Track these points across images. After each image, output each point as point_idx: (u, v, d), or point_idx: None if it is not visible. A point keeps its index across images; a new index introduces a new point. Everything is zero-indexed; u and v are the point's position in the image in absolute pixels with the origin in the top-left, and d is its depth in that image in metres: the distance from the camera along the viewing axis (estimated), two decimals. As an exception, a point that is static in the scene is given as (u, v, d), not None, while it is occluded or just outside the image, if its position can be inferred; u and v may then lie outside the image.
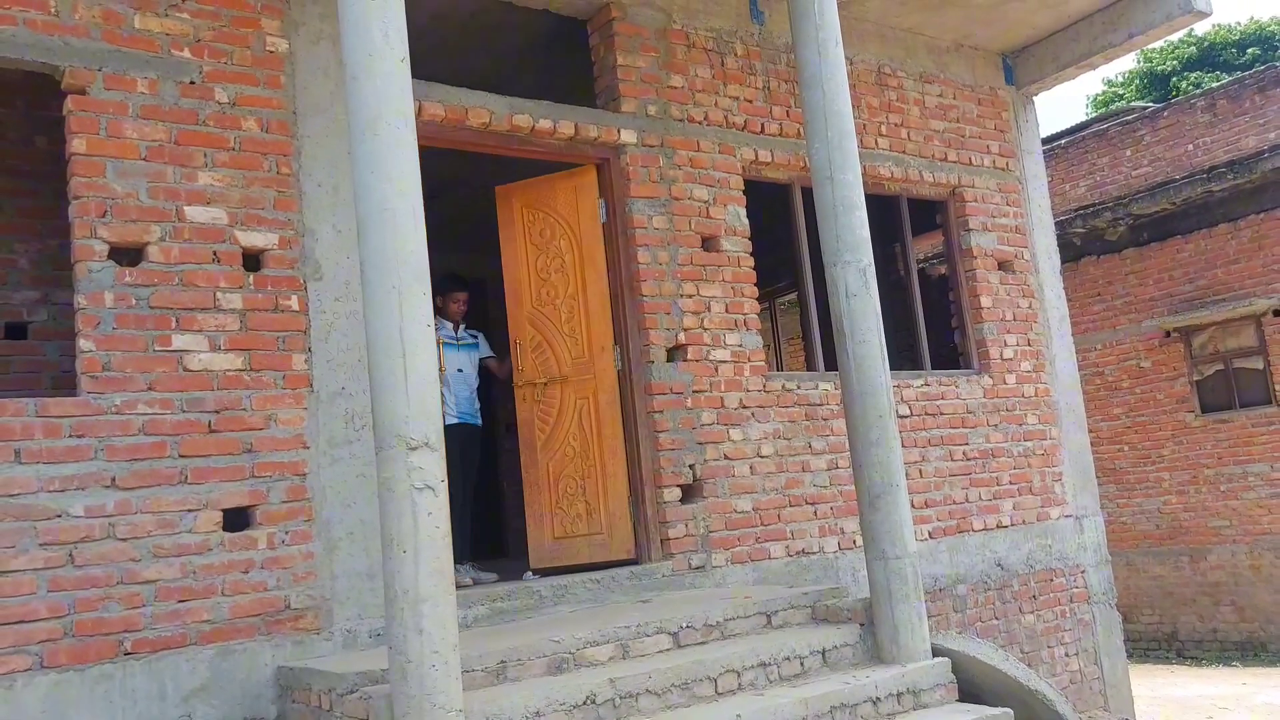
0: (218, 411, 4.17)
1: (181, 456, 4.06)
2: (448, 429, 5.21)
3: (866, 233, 4.97)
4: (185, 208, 4.24)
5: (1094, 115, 25.02)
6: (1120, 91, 29.52)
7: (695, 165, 6.06)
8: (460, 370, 6.15)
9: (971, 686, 4.65)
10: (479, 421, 6.24)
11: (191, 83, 4.32)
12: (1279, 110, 11.20)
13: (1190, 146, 11.88)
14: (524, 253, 6.03)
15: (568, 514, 5.78)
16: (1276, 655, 11.26)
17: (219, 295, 4.28)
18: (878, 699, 4.31)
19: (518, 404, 6.03)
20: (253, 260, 4.41)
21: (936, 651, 4.70)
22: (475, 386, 6.33)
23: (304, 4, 4.69)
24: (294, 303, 4.45)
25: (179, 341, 4.13)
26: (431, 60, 5.37)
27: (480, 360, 6.45)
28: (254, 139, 4.45)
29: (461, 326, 6.26)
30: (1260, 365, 11.57)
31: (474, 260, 9.63)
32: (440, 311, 5.89)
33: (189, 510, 4.03)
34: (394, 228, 3.45)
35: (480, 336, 6.50)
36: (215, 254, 4.29)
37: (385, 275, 3.43)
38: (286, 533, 4.24)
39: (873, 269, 4.97)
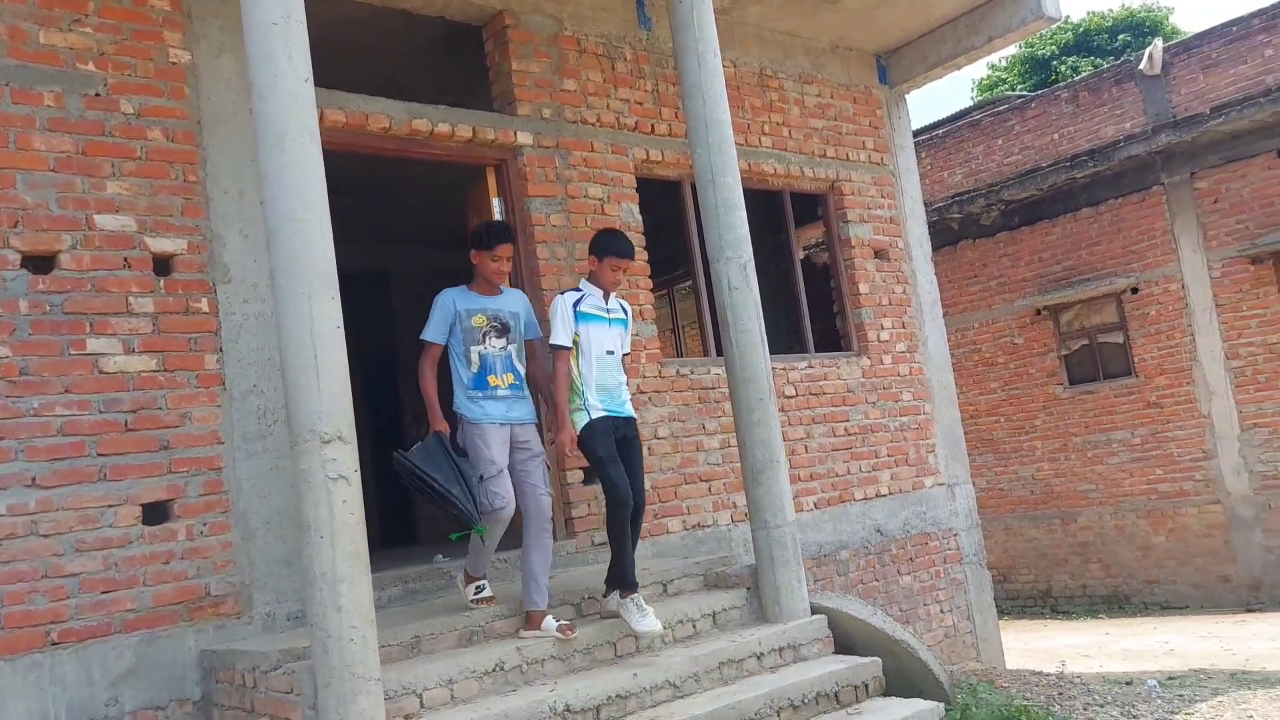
0: (134, 411, 4.36)
1: (100, 455, 4.24)
2: (595, 424, 4.64)
3: (746, 231, 5.39)
4: (95, 216, 4.40)
5: (973, 103, 26.14)
6: (1003, 76, 30.82)
7: (590, 165, 6.39)
8: (610, 352, 4.85)
9: (846, 640, 5.13)
10: (632, 413, 4.92)
11: (97, 95, 4.47)
12: (1133, 102, 12.07)
13: (1056, 135, 12.71)
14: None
15: None
16: (1138, 607, 12.23)
17: (131, 300, 4.46)
18: (761, 654, 4.77)
19: None
20: (163, 265, 4.59)
21: (815, 610, 5.18)
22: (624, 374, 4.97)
23: (205, 17, 4.87)
24: (204, 305, 4.65)
25: (94, 345, 4.31)
26: (330, 64, 5.57)
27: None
28: (160, 148, 4.62)
29: (613, 296, 4.96)
30: (1121, 340, 12.49)
31: (375, 253, 9.83)
32: (593, 277, 4.94)
33: (109, 506, 4.23)
34: (303, 237, 3.71)
35: (630, 311, 5.17)
36: (126, 260, 4.47)
37: (296, 282, 3.68)
38: (205, 524, 4.47)
39: (753, 264, 5.40)
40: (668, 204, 7.14)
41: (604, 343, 4.84)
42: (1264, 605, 11.17)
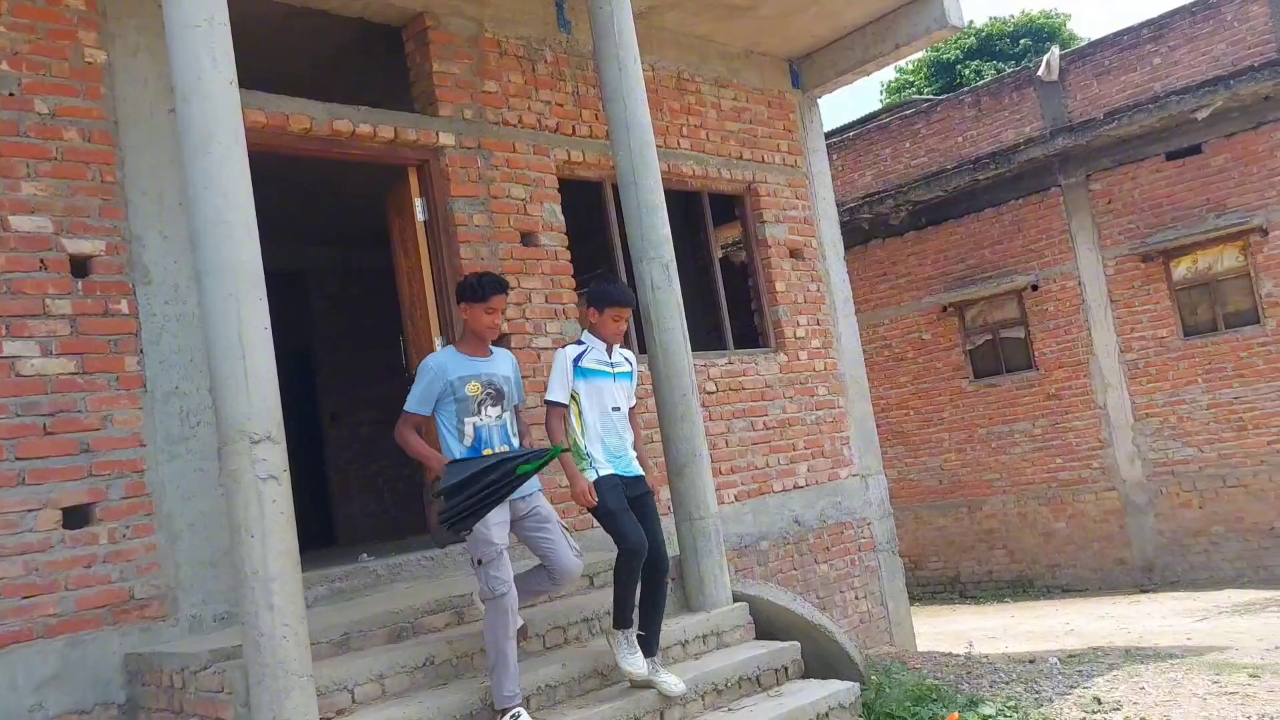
0: (53, 414, 4.30)
1: (19, 459, 4.18)
2: (603, 480, 4.36)
3: (668, 231, 5.54)
4: (10, 217, 4.32)
5: (882, 106, 26.84)
6: (911, 79, 31.71)
7: (512, 165, 6.47)
8: (615, 409, 4.55)
9: (768, 625, 5.33)
10: (640, 471, 4.59)
11: (10, 95, 4.39)
12: (1032, 106, 12.60)
13: (960, 139, 13.18)
14: (398, 254, 6.37)
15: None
16: (1041, 590, 12.78)
17: (48, 302, 4.39)
18: (686, 641, 4.93)
19: None
20: (81, 266, 4.53)
21: (737, 598, 5.36)
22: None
23: (120, 17, 4.81)
24: (124, 307, 4.60)
25: (10, 348, 4.23)
26: (249, 63, 5.54)
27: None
28: (76, 149, 4.56)
29: (616, 349, 4.62)
30: (1022, 335, 13.03)
31: (291, 252, 9.70)
32: (594, 328, 4.57)
33: (29, 510, 4.17)
34: (229, 239, 3.72)
35: (635, 362, 4.83)
36: (43, 261, 4.40)
37: (222, 284, 3.70)
38: (128, 527, 4.43)
39: (674, 264, 5.55)
40: (589, 203, 7.25)
41: (609, 399, 4.51)
42: (1157, 586, 11.79)
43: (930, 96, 18.99)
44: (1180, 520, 11.75)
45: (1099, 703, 5.55)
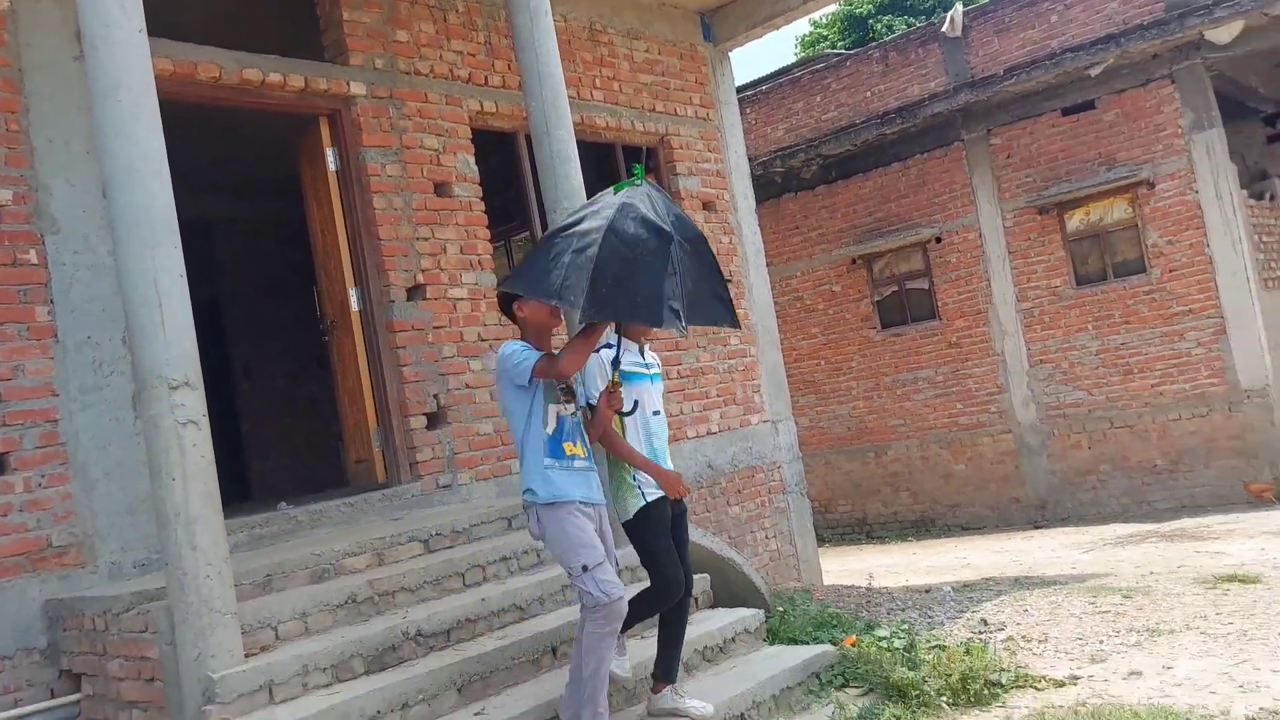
0: (-38, 365, 4.28)
1: (-72, 410, 4.16)
2: (650, 509, 4.07)
3: (580, 182, 5.65)
4: (-91, 165, 4.25)
5: (795, 60, 27.08)
6: (824, 33, 32.01)
7: (424, 115, 6.49)
8: (656, 413, 4.24)
9: (679, 562, 5.57)
10: None
11: (-96, 38, 4.30)
12: (937, 62, 12.95)
13: (869, 93, 13.49)
14: (310, 204, 6.36)
15: (354, 440, 6.29)
16: (942, 529, 13.40)
17: (-48, 251, 4.34)
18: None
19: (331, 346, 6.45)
20: (-15, 216, 4.47)
21: (650, 536, 5.59)
22: None
23: (20, -41, 4.70)
24: (32, 256, 4.56)
25: (-85, 298, 4.19)
26: (158, 11, 5.45)
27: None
28: (-23, 95, 4.48)
29: (647, 349, 4.27)
30: (926, 286, 13.50)
31: (202, 201, 9.52)
32: (624, 330, 4.08)
33: (-59, 461, 4.16)
34: (142, 187, 3.74)
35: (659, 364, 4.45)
36: (-55, 210, 4.34)
37: (136, 232, 3.72)
38: (43, 476, 4.44)
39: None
40: (504, 154, 7.31)
41: (649, 403, 4.17)
42: (1049, 522, 12.47)
43: (842, 51, 19.28)
44: (1071, 460, 12.42)
45: (985, 624, 5.97)
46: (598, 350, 4.04)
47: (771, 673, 4.60)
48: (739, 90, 15.36)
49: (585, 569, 3.68)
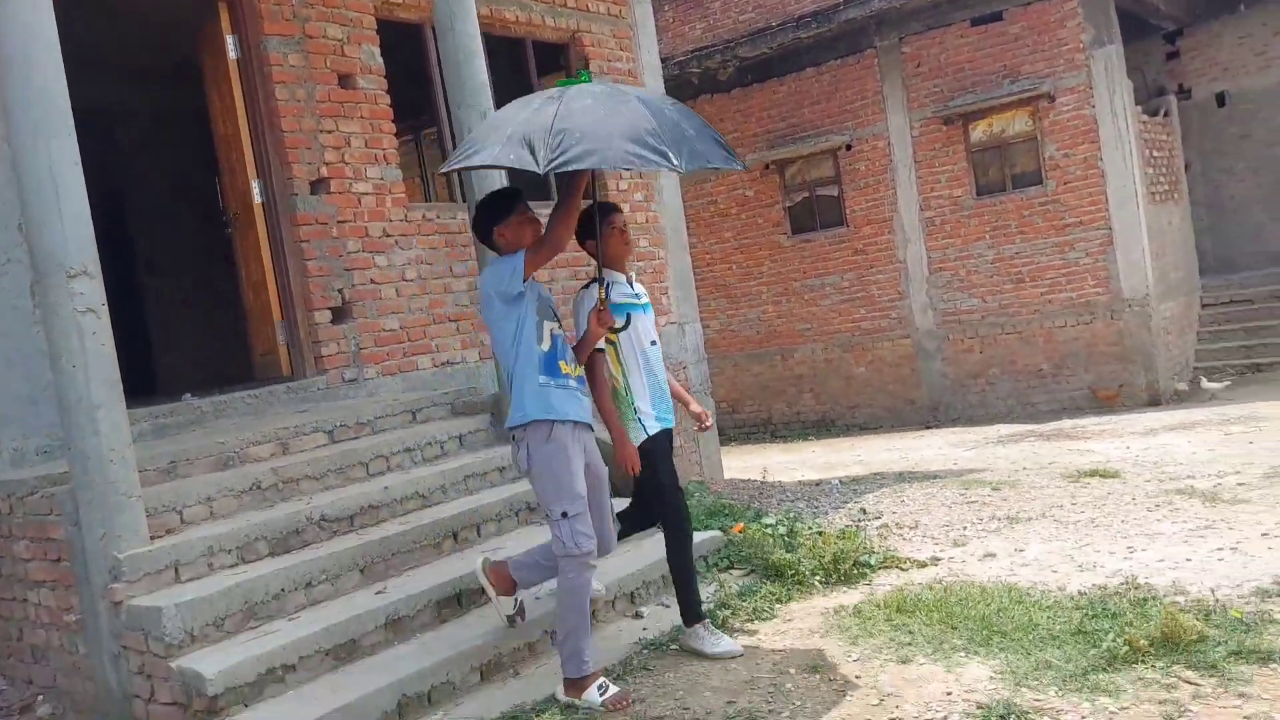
0: None
1: None
2: (653, 442, 3.99)
3: (485, 79, 5.67)
4: None
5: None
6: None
7: (328, 4, 6.37)
8: (654, 343, 4.09)
9: (579, 454, 5.82)
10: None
11: None
12: (854, -32, 12.98)
13: (785, -4, 13.49)
14: (211, 94, 6.23)
15: (258, 334, 6.33)
16: (842, 429, 13.98)
17: None
18: (503, 468, 5.36)
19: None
20: None
21: (551, 429, 5.82)
22: None
23: None
24: (-84, 141, 4.46)
25: None
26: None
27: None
28: None
29: (633, 278, 4.11)
30: (836, 193, 13.77)
31: (106, 89, 9.18)
32: (606, 259, 3.94)
33: None
34: (35, 73, 3.70)
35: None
36: None
37: (30, 119, 3.69)
38: (-61, 364, 4.44)
39: (493, 111, 5.68)
40: (413, 46, 7.22)
41: (644, 334, 4.02)
42: (940, 422, 13.12)
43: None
44: (963, 364, 13.02)
45: (864, 512, 6.40)
46: (586, 286, 3.95)
47: (660, 556, 4.89)
48: (657, -12, 15.12)
49: (565, 516, 3.61)
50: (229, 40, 6.07)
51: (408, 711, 3.60)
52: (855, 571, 4.90)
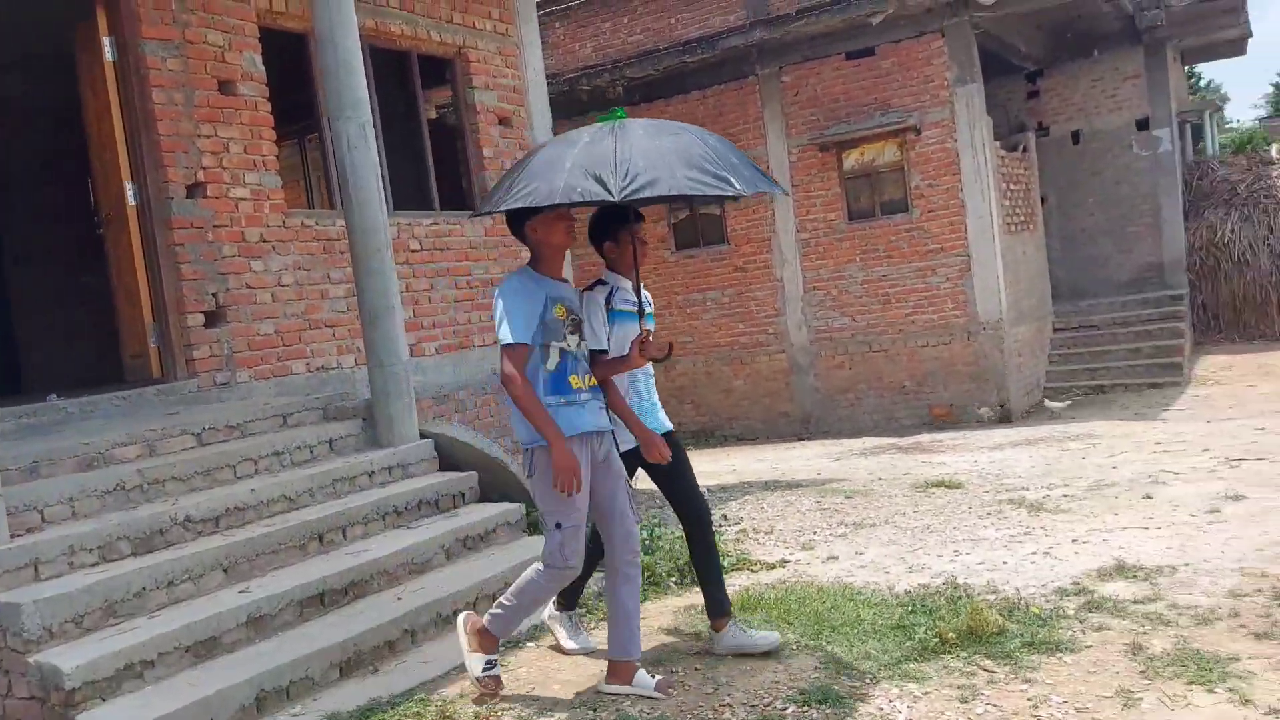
0: None
1: None
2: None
3: (365, 93, 5.82)
4: None
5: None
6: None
7: (209, 10, 6.41)
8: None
9: (452, 460, 5.99)
10: (670, 425, 4.30)
11: None
12: (737, -3, 13.48)
13: (673, 20, 13.88)
14: (86, 93, 6.18)
15: (130, 335, 6.29)
16: (720, 439, 14.40)
17: None
18: (373, 472, 5.50)
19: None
20: None
21: (424, 436, 5.99)
22: None
23: None
24: None
25: None
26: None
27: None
28: None
29: (642, 287, 3.97)
30: (718, 211, 14.21)
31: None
32: (615, 264, 3.99)
33: None
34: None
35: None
36: None
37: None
38: None
39: (371, 124, 5.86)
40: (299, 55, 7.28)
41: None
42: (812, 435, 13.66)
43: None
44: (834, 379, 13.60)
45: (725, 518, 6.74)
46: (590, 289, 3.89)
47: (524, 558, 5.11)
48: (549, 4, 15.40)
49: (559, 527, 3.61)
50: (106, 42, 6.06)
51: (265, 706, 3.73)
52: (707, 573, 5.20)
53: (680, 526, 4.22)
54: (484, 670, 3.77)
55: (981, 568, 5.07)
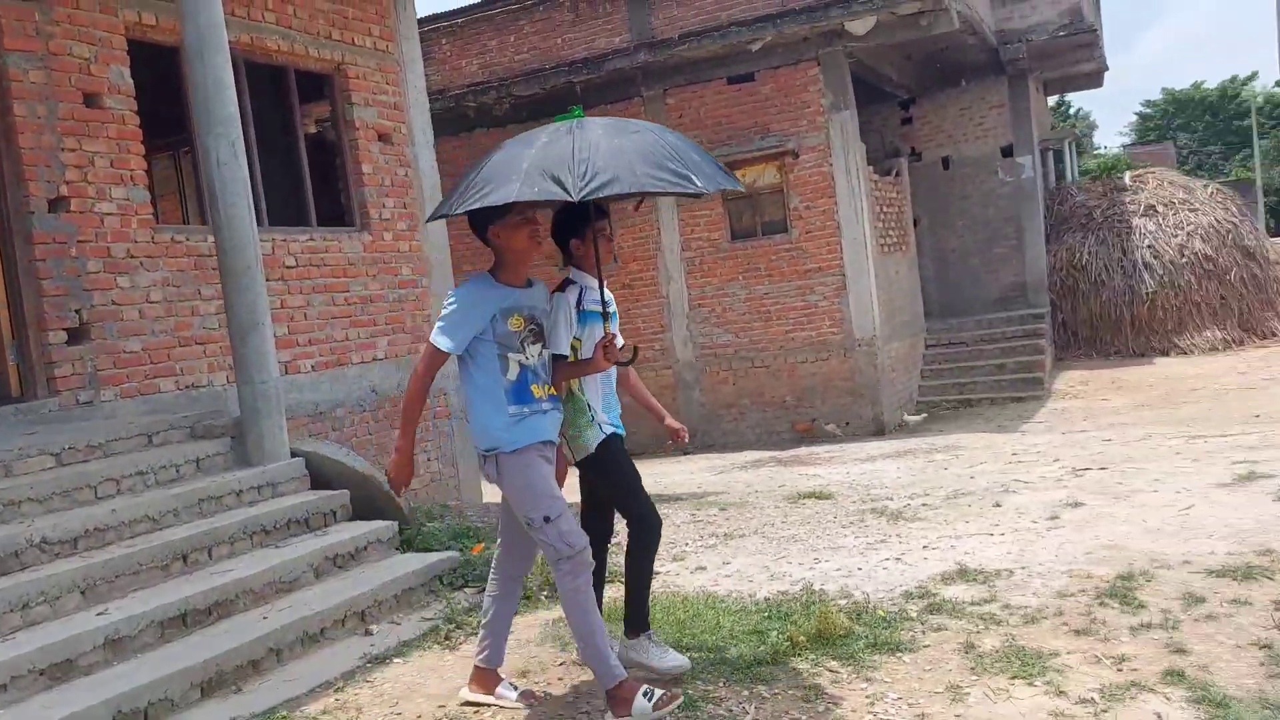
0: None
1: None
2: (610, 441, 3.90)
3: (235, 110, 5.80)
4: None
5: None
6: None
7: (75, 23, 6.28)
8: (620, 348, 3.86)
9: (325, 478, 5.99)
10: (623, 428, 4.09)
11: None
12: (622, 19, 13.72)
13: (560, 40, 14.06)
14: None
15: None
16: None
17: None
18: (240, 491, 5.47)
19: None
20: None
21: (295, 454, 5.97)
22: None
23: None
24: None
25: None
26: None
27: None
28: None
29: (605, 285, 3.83)
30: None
31: None
32: (581, 262, 3.90)
33: None
34: None
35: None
36: None
37: None
38: None
39: (241, 141, 5.84)
40: (171, 68, 7.17)
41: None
42: (697, 449, 13.92)
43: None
44: (718, 394, 13.92)
45: (600, 533, 6.87)
46: (561, 289, 3.79)
47: (395, 575, 5.17)
48: (435, 18, 15.46)
49: (548, 520, 3.49)
50: (-39, 51, 5.88)
51: (122, 728, 3.70)
52: (578, 586, 5.33)
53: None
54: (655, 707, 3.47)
55: (838, 574, 5.33)
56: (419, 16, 9.54)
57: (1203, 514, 5.88)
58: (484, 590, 5.35)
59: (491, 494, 10.42)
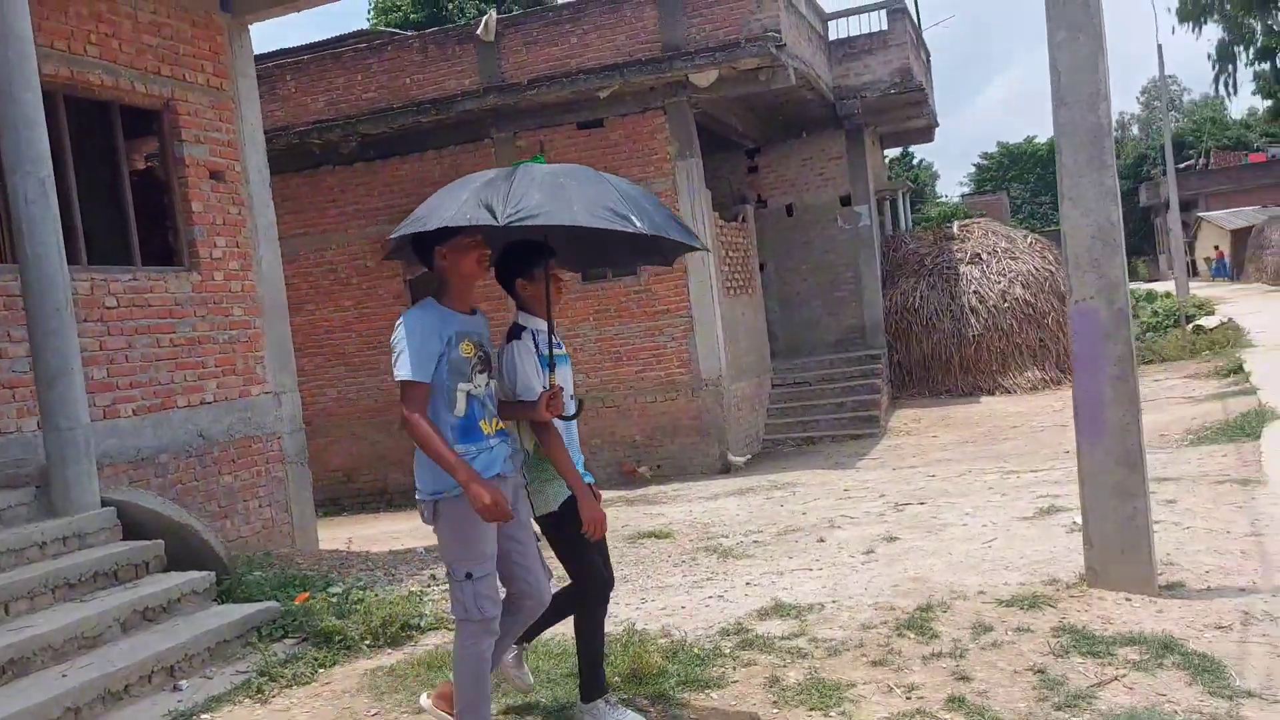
0: None
1: None
2: (570, 501, 3.66)
3: (46, 147, 5.61)
4: None
5: (370, 27, 26.95)
6: (399, 3, 32.11)
7: None
8: (572, 397, 3.82)
9: (139, 528, 5.77)
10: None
11: None
12: (472, 62, 13.82)
13: (408, 80, 14.03)
14: None
15: None
16: (457, 496, 14.41)
17: None
18: (44, 543, 5.22)
19: None
20: None
21: (106, 503, 5.73)
22: None
23: None
24: None
25: None
26: None
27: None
28: None
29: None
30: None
31: None
32: (530, 301, 3.78)
33: None
34: None
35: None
36: None
37: None
38: None
39: (52, 179, 5.64)
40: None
41: (567, 390, 3.75)
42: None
43: (391, 30, 19.61)
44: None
45: (434, 578, 6.83)
46: (517, 336, 3.66)
47: (209, 628, 5.02)
48: (280, 53, 15.21)
49: (470, 577, 3.32)
50: None
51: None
52: (403, 634, 5.29)
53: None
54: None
55: (662, 613, 5.46)
56: (263, 52, 9.40)
57: (1002, 546, 6.28)
58: (305, 639, 5.29)
59: (338, 540, 10.19)
